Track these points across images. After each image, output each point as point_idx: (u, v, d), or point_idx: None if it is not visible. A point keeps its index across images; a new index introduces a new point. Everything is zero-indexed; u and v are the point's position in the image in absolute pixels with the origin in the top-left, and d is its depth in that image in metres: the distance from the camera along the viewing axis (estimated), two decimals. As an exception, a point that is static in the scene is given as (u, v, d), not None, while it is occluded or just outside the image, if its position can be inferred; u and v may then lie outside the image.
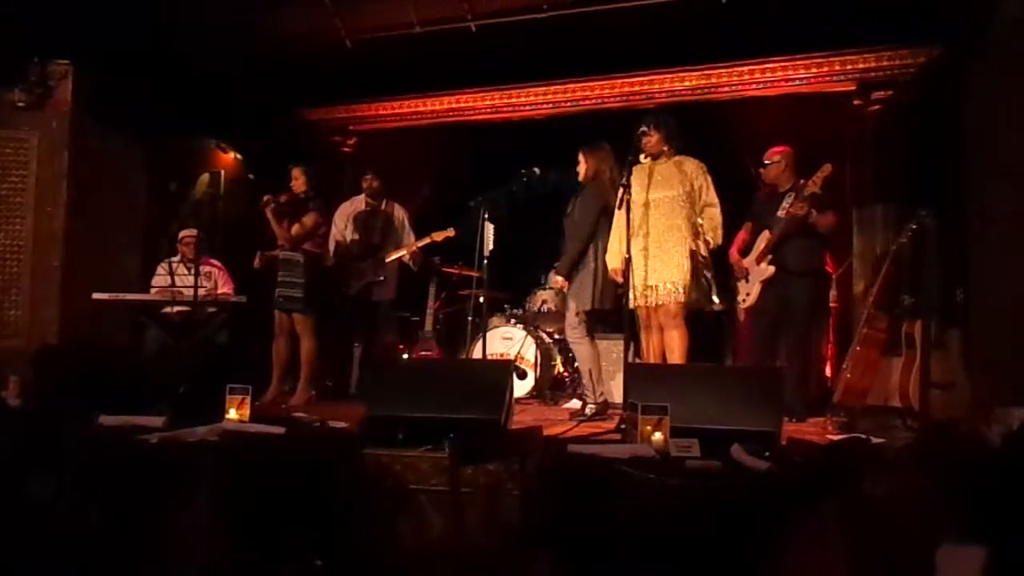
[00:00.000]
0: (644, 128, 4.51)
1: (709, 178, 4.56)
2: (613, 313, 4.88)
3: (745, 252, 4.95)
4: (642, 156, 4.59)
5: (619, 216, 4.42)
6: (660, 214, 4.50)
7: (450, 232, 5.67)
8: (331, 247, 5.82)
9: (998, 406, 3.34)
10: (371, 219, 5.82)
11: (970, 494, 1.94)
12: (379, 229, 5.79)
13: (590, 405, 4.68)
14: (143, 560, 2.60)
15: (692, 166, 4.56)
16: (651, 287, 4.48)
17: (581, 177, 4.86)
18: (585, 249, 4.71)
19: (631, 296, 4.41)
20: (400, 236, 5.87)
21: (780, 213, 4.76)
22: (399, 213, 5.94)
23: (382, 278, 5.68)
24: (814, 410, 4.71)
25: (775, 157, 4.91)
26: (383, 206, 5.86)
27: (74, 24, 5.38)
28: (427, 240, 5.73)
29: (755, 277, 4.83)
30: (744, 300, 4.90)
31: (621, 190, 4.29)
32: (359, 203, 5.91)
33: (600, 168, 4.78)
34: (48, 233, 5.55)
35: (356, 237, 5.79)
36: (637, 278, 4.44)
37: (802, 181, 4.73)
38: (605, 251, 4.68)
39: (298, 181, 5.50)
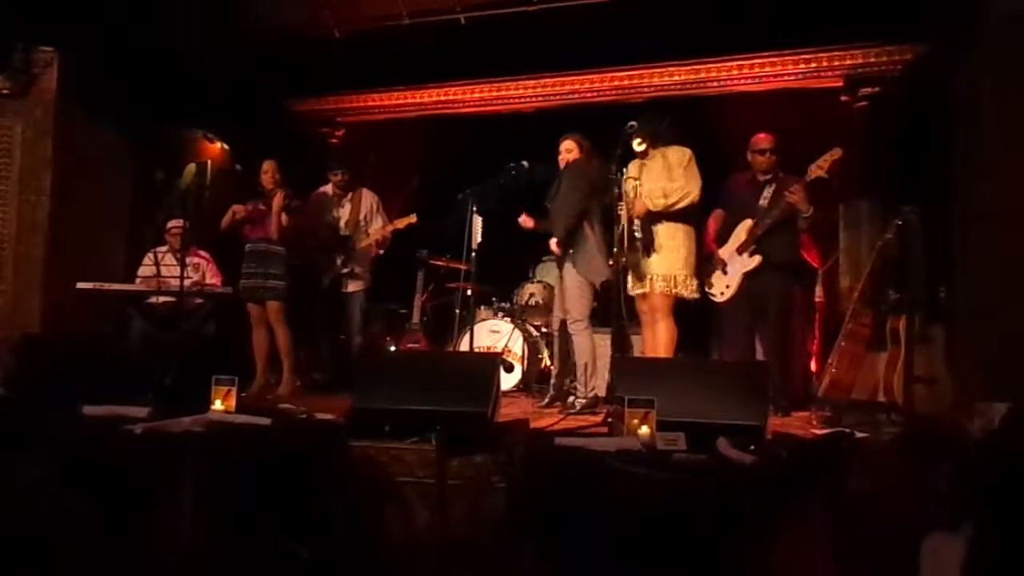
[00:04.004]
0: (632, 123, 4.49)
1: (690, 164, 4.52)
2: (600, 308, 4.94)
3: (717, 242, 4.86)
4: (634, 148, 4.61)
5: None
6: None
7: (412, 219, 5.65)
8: (301, 238, 5.79)
9: (980, 401, 3.36)
10: (339, 210, 5.78)
11: (953, 488, 1.95)
12: (347, 220, 5.75)
13: (580, 399, 4.70)
14: (127, 551, 2.58)
15: (675, 154, 4.57)
16: (645, 277, 4.53)
17: (571, 160, 4.88)
18: (579, 222, 4.75)
19: (625, 288, 4.48)
20: (370, 224, 5.81)
21: (762, 202, 4.70)
22: (368, 200, 5.84)
23: (350, 269, 5.64)
24: (799, 405, 4.74)
25: (772, 144, 4.77)
26: (350, 196, 5.81)
27: (60, 11, 5.32)
28: (390, 227, 5.69)
29: (736, 269, 4.71)
30: (722, 293, 4.78)
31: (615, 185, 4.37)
32: (328, 193, 5.86)
33: (584, 155, 4.87)
34: (31, 222, 5.50)
35: (325, 229, 5.75)
36: (635, 268, 4.53)
37: (782, 175, 4.72)
38: (602, 226, 4.74)
39: (266, 176, 5.47)
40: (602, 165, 4.65)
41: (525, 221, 5.24)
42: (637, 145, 4.60)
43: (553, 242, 4.95)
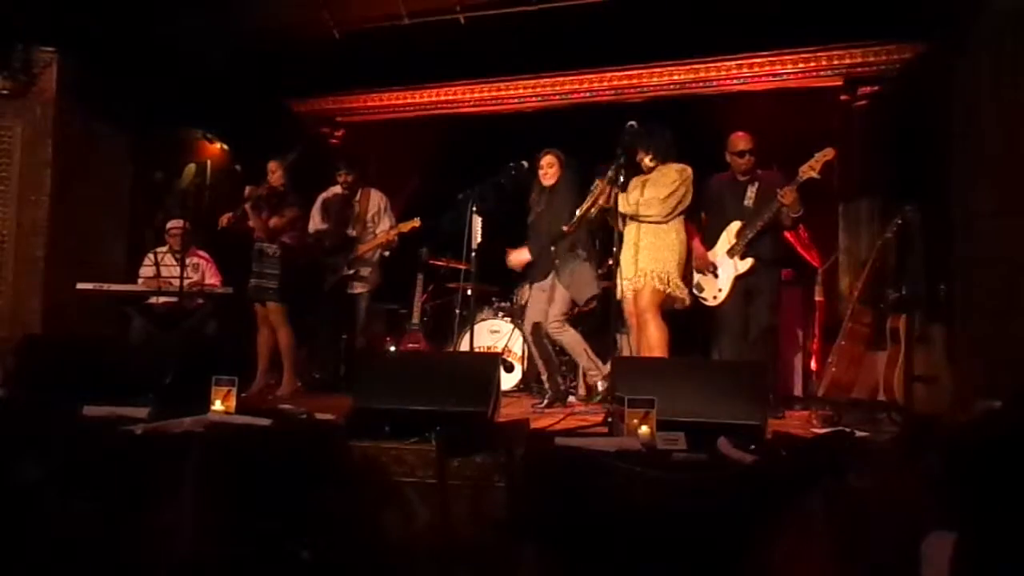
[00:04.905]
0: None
1: (682, 184, 4.55)
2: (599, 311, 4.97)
3: (703, 245, 4.82)
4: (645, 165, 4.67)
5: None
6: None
7: (415, 223, 5.64)
8: (310, 240, 5.79)
9: (980, 399, 3.37)
10: (345, 210, 5.77)
11: (952, 486, 1.95)
12: (353, 221, 5.74)
13: (600, 382, 4.80)
14: (127, 551, 2.59)
15: (675, 172, 4.58)
16: (640, 274, 4.55)
17: (553, 179, 4.99)
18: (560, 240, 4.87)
19: (618, 290, 4.48)
20: (377, 225, 5.80)
21: (747, 203, 4.66)
22: (375, 200, 5.81)
23: (354, 271, 5.63)
24: (799, 404, 4.74)
25: (750, 144, 4.70)
26: (358, 197, 5.80)
27: (60, 11, 5.32)
28: (394, 231, 5.68)
29: (728, 272, 4.66)
30: (715, 297, 4.72)
31: (613, 189, 4.42)
32: (336, 193, 5.84)
33: (564, 172, 5.01)
34: (32, 222, 5.51)
35: (331, 230, 5.74)
36: (627, 271, 4.53)
37: (760, 172, 4.70)
38: (595, 244, 4.83)
39: (275, 175, 5.48)
40: (579, 179, 4.89)
41: (517, 261, 5.22)
42: (650, 161, 4.64)
43: (514, 257, 5.11)
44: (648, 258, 4.54)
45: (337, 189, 5.80)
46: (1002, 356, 4.13)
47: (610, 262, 4.63)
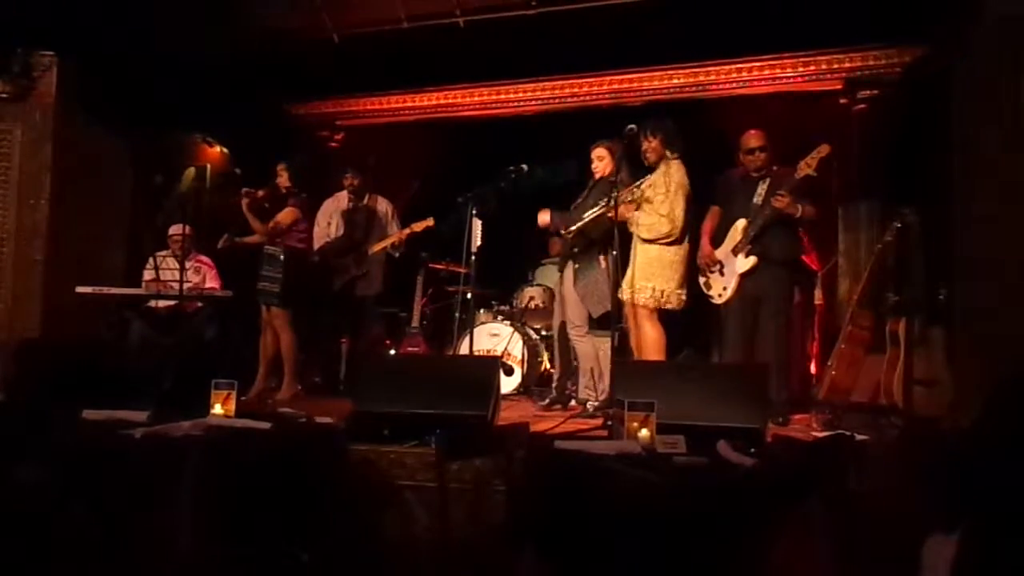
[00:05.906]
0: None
1: (680, 189, 4.52)
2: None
3: (714, 240, 4.78)
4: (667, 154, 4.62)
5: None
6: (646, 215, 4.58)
7: (429, 222, 5.67)
8: (315, 244, 5.82)
9: (980, 402, 3.36)
10: (354, 215, 5.82)
11: (951, 489, 1.95)
12: (362, 224, 5.77)
13: (592, 404, 4.72)
14: (127, 555, 2.58)
15: (677, 173, 4.56)
16: (637, 287, 4.55)
17: (604, 172, 4.86)
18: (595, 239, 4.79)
19: (620, 293, 4.49)
20: (384, 229, 5.85)
21: (756, 200, 4.62)
22: (382, 206, 5.91)
23: (364, 272, 5.66)
24: (797, 406, 4.73)
25: (761, 141, 4.68)
26: (366, 201, 5.85)
27: (60, 15, 5.32)
28: (407, 231, 5.72)
29: (732, 270, 4.62)
30: (720, 295, 4.69)
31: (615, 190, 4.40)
32: (342, 199, 5.89)
33: (616, 165, 4.82)
34: (31, 226, 5.49)
35: (340, 233, 5.79)
36: (627, 275, 4.56)
37: (776, 168, 4.66)
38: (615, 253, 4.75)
39: (282, 177, 5.50)
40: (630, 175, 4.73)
41: (543, 217, 5.10)
42: (660, 147, 4.61)
43: (541, 216, 5.01)
44: (645, 273, 4.55)
45: (345, 195, 5.83)
46: (1002, 358, 4.13)
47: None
